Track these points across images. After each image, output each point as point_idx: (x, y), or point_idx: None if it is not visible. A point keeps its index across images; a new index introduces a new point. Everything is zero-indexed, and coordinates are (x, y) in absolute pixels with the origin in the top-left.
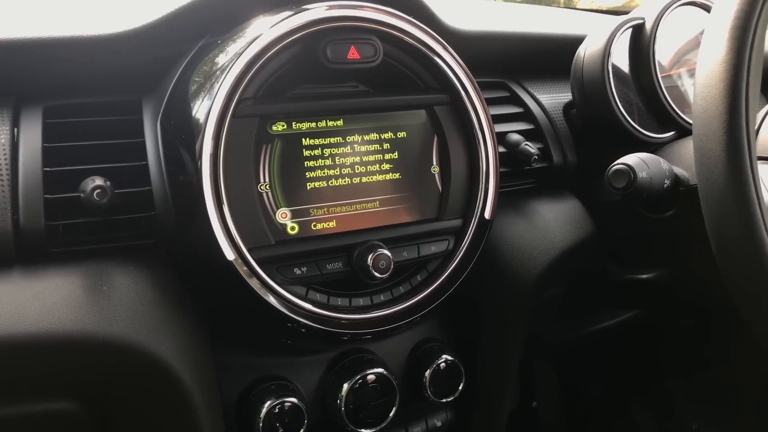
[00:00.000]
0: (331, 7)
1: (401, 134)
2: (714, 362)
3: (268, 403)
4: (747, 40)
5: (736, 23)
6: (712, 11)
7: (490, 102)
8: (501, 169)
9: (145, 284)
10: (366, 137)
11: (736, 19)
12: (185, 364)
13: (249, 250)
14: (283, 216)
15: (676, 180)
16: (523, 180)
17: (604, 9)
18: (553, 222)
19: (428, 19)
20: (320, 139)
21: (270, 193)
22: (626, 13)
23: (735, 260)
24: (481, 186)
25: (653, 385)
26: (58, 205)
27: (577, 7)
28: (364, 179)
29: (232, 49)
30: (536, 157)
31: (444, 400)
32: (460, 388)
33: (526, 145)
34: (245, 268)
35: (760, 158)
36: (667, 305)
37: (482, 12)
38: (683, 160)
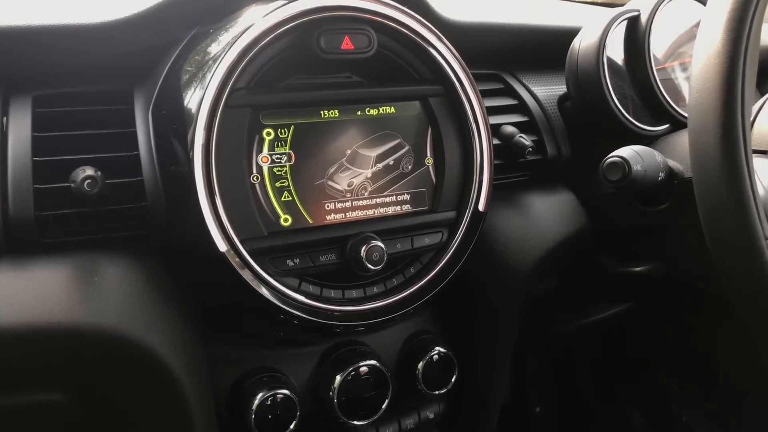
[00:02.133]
0: None
1: (395, 126)
2: (706, 355)
3: (261, 394)
4: (743, 32)
5: (732, 15)
6: (708, 3)
7: (484, 94)
8: (495, 162)
9: (135, 275)
10: (359, 128)
11: (732, 11)
12: (176, 355)
13: (241, 242)
14: (276, 207)
15: (671, 173)
16: (517, 172)
17: (600, 1)
18: (547, 214)
19: (423, 9)
20: (313, 130)
21: (262, 184)
22: (621, 5)
23: (729, 253)
24: (475, 178)
25: (645, 378)
26: (48, 196)
27: None
28: (358, 170)
29: (225, 38)
30: (530, 149)
31: (437, 393)
32: (452, 380)
33: (521, 137)
34: (237, 259)
35: (755, 151)
36: (660, 298)
37: (477, 3)
38: (678, 153)
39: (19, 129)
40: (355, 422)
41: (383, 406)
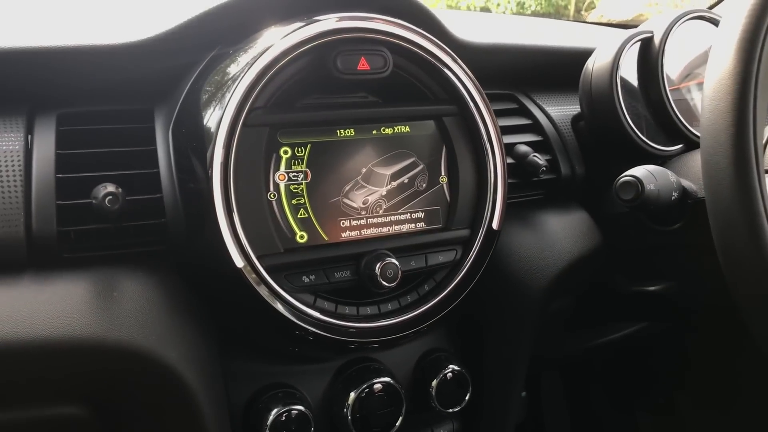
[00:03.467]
0: (341, 19)
1: (410, 144)
2: (722, 376)
3: (275, 410)
4: (755, 53)
5: (744, 36)
6: (720, 25)
7: (498, 113)
8: (509, 180)
9: (154, 290)
10: (374, 147)
11: (743, 32)
12: (193, 370)
13: (258, 258)
14: (292, 224)
15: (684, 192)
16: (531, 191)
17: (614, 22)
18: (561, 233)
19: (438, 31)
20: (329, 149)
21: (279, 202)
22: (635, 26)
23: (741, 272)
24: (489, 197)
25: (660, 398)
26: (70, 211)
27: (587, 20)
28: (373, 188)
29: (244, 59)
30: (544, 168)
31: (450, 410)
32: (466, 398)
33: (534, 156)
34: (254, 275)
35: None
36: (674, 318)
37: (492, 24)
38: (691, 173)
39: (44, 146)
40: None
41: (397, 424)
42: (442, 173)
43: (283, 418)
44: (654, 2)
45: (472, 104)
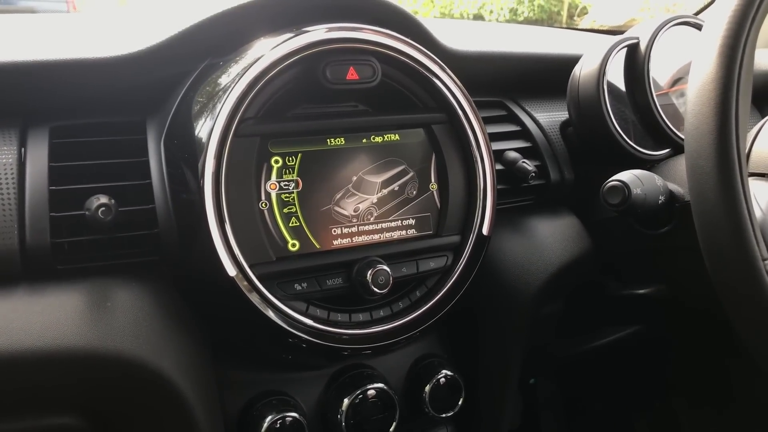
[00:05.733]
0: (330, 29)
1: (400, 152)
2: (715, 378)
3: (269, 418)
4: (736, 58)
5: (725, 41)
6: (702, 30)
7: (487, 120)
8: (499, 186)
9: (148, 300)
10: (365, 155)
11: (725, 38)
12: (187, 379)
13: (250, 267)
14: (284, 232)
15: (671, 196)
16: (520, 197)
17: (605, 28)
18: (551, 238)
19: (426, 40)
20: (320, 157)
21: (271, 211)
22: (622, 33)
23: (727, 273)
24: (479, 203)
25: (656, 402)
26: (63, 223)
27: (579, 25)
28: (364, 196)
29: (234, 70)
30: (533, 174)
31: (444, 416)
32: (459, 403)
33: (524, 162)
34: (246, 283)
35: (754, 174)
36: (665, 320)
37: (480, 33)
38: (678, 177)
39: (37, 159)
40: None
41: (391, 430)
42: (432, 180)
43: (278, 425)
44: (646, 7)
45: (460, 112)
